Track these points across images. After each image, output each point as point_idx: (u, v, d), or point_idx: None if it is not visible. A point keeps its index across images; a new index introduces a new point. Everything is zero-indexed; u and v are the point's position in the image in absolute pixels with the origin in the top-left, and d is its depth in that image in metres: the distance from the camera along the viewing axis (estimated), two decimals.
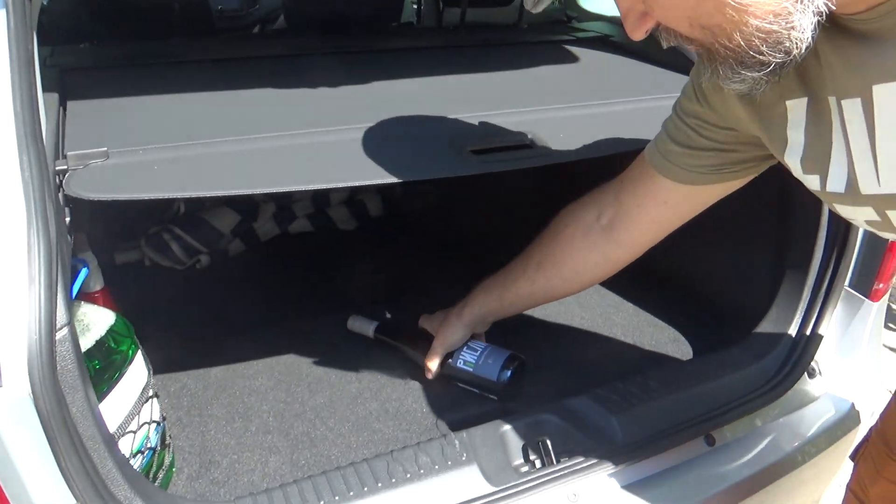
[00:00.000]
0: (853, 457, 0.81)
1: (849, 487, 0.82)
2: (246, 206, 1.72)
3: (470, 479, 0.91)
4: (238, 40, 2.04)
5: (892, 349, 2.20)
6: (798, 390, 1.10)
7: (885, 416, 0.77)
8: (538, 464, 0.95)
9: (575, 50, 1.58)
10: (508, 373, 1.14)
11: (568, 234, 1.01)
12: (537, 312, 1.45)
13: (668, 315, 1.44)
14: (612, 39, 1.65)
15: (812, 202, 1.14)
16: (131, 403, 0.91)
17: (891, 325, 2.37)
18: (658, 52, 1.56)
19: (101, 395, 0.87)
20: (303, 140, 1.00)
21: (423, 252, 1.76)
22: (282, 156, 0.96)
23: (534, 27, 1.90)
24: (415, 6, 2.63)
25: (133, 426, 0.91)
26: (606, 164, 1.15)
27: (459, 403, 1.17)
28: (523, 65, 1.45)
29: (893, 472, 0.74)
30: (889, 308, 2.50)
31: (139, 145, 0.91)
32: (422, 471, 0.90)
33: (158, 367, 1.20)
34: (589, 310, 1.49)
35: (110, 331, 0.90)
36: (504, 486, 0.90)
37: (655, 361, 1.32)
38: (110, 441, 0.75)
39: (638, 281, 1.50)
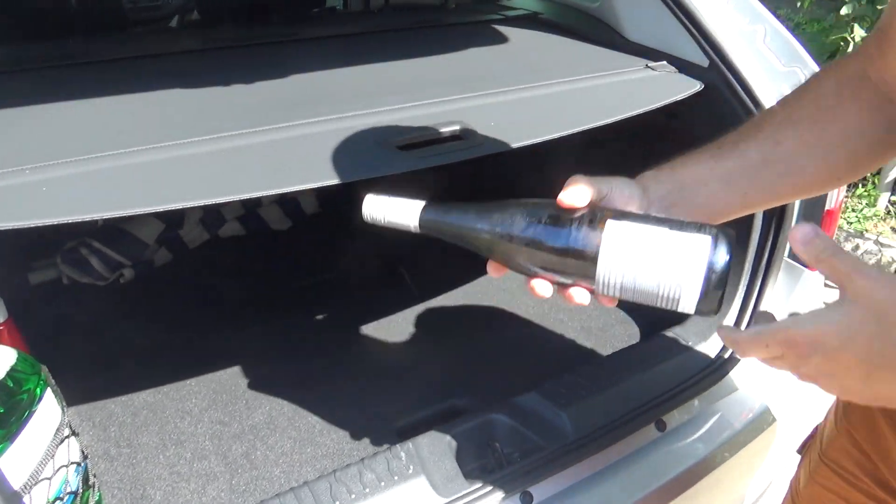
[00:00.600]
0: (800, 451, 0.80)
1: (791, 482, 0.80)
2: (170, 212, 1.62)
3: (418, 493, 0.86)
4: (147, 35, 1.91)
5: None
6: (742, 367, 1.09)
7: (826, 416, 0.75)
8: (489, 468, 0.92)
9: (504, 30, 1.53)
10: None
11: (830, 84, 0.66)
12: (484, 300, 1.42)
13: None
14: (541, 17, 1.61)
15: None
16: (44, 447, 0.83)
17: (829, 284, 2.44)
18: (588, 29, 1.54)
19: (7, 442, 0.79)
20: (215, 146, 0.92)
21: (364, 249, 1.70)
22: (191, 165, 0.88)
23: (462, 6, 1.84)
24: None
25: (48, 472, 0.83)
26: (542, 151, 1.11)
27: (407, 409, 1.13)
28: (451, 49, 1.39)
29: (823, 476, 0.72)
30: None
31: (26, 164, 0.82)
32: (367, 489, 0.85)
33: (81, 396, 1.12)
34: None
35: (11, 370, 0.82)
36: (454, 497, 0.86)
37: (604, 345, 1.30)
38: (14, 497, 0.68)
39: None
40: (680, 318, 1.19)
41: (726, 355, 1.08)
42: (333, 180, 0.91)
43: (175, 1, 3.39)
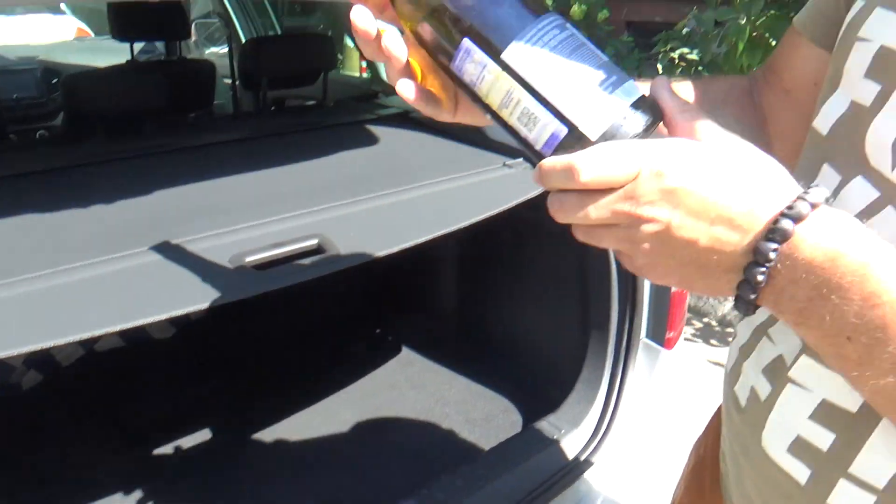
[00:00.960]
0: None
1: None
2: None
3: None
4: (8, 151, 1.86)
5: (716, 364, 2.38)
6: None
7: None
8: None
9: (376, 130, 1.58)
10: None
11: (722, 84, 0.68)
12: (369, 399, 1.41)
13: (499, 383, 1.46)
14: (412, 115, 1.68)
15: (603, 267, 1.20)
16: None
17: (713, 342, 2.58)
18: (456, 128, 1.62)
19: None
20: (59, 280, 0.90)
21: (247, 356, 1.66)
22: (33, 303, 0.85)
23: (340, 105, 1.90)
24: (227, 81, 2.57)
25: None
26: (403, 259, 1.15)
27: None
28: (321, 153, 1.43)
29: None
30: (710, 325, 2.73)
31: None
32: None
33: None
34: (421, 390, 1.47)
35: None
36: None
37: (488, 437, 1.32)
38: None
39: (470, 351, 1.52)
40: (557, 401, 1.23)
41: (593, 446, 1.11)
42: (185, 309, 0.90)
43: (59, 98, 3.32)
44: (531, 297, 1.42)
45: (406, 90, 0.47)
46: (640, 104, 0.42)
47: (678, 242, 0.39)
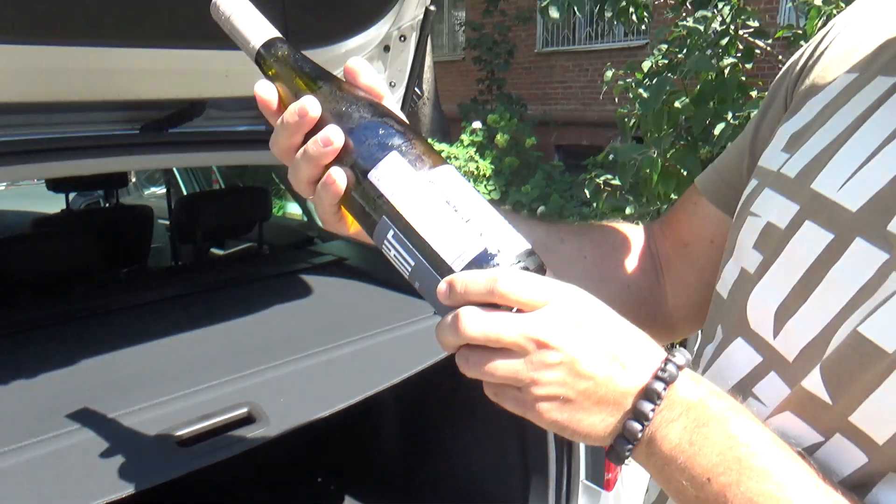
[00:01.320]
0: None
1: None
2: None
3: None
4: None
5: None
6: None
7: None
8: None
9: (310, 280, 1.61)
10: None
11: (621, 230, 0.71)
12: None
13: None
14: (346, 263, 1.72)
15: None
16: None
17: None
18: (386, 272, 1.66)
19: None
20: None
21: None
22: None
23: (276, 253, 1.94)
24: (163, 221, 2.58)
25: None
26: (337, 423, 1.14)
27: None
28: (255, 309, 1.43)
29: None
30: None
31: None
32: None
33: None
34: None
35: None
36: None
37: None
38: None
39: (414, 498, 1.47)
40: None
41: None
42: (107, 498, 0.86)
43: None
44: (472, 440, 1.42)
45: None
46: (534, 251, 0.46)
47: (580, 374, 0.41)
